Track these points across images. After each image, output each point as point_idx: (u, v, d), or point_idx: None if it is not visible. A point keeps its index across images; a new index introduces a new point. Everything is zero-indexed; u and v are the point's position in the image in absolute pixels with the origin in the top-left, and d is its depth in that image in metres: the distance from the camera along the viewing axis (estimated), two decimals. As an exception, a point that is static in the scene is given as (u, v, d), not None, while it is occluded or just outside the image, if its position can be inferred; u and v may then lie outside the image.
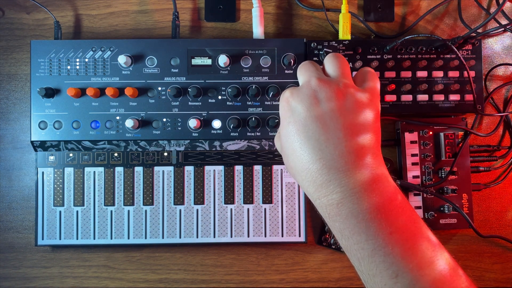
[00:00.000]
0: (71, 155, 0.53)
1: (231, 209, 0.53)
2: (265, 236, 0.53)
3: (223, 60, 0.52)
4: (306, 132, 0.37)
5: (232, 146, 0.53)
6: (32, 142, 0.52)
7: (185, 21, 0.57)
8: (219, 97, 0.53)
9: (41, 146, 0.52)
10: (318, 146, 0.36)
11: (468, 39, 0.53)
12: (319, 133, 0.36)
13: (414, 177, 0.54)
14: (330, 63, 0.41)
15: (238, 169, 0.54)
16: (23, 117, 0.56)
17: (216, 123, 0.52)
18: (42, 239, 0.52)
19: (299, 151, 0.37)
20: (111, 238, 0.52)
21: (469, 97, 0.54)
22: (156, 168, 0.53)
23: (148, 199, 0.53)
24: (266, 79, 0.53)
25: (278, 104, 0.52)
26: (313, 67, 0.41)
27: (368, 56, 0.53)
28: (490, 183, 0.57)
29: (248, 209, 0.53)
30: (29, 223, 0.55)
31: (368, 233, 0.34)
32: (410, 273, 0.32)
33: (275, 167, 0.54)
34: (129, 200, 0.53)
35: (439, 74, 0.53)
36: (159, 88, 0.52)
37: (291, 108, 0.38)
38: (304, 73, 0.41)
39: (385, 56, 0.53)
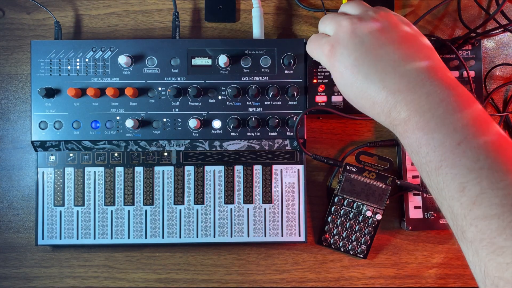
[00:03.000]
0: (71, 155, 0.53)
1: (231, 209, 0.53)
2: (265, 236, 0.53)
3: (223, 60, 0.52)
4: (362, 67, 0.39)
5: (232, 146, 0.53)
6: (32, 142, 0.52)
7: (185, 21, 0.57)
8: (219, 97, 0.53)
9: (42, 146, 0.53)
10: (378, 77, 0.38)
11: (468, 39, 0.53)
12: (375, 64, 0.39)
13: (413, 177, 0.54)
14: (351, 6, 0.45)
15: (238, 169, 0.54)
16: (24, 117, 0.56)
17: (216, 123, 0.52)
18: (43, 239, 0.52)
19: (365, 90, 0.39)
20: (111, 238, 0.53)
21: (468, 97, 0.54)
22: (156, 168, 0.53)
23: (148, 199, 0.53)
24: (266, 79, 0.53)
25: (278, 104, 0.53)
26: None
27: (368, 56, 0.53)
28: (490, 183, 0.57)
29: (248, 209, 0.53)
30: (29, 223, 0.55)
31: (434, 143, 0.34)
32: (477, 186, 0.30)
33: (275, 167, 0.54)
34: (129, 200, 0.53)
35: (439, 74, 0.53)
36: (159, 88, 0.52)
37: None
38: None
39: (385, 56, 0.53)
